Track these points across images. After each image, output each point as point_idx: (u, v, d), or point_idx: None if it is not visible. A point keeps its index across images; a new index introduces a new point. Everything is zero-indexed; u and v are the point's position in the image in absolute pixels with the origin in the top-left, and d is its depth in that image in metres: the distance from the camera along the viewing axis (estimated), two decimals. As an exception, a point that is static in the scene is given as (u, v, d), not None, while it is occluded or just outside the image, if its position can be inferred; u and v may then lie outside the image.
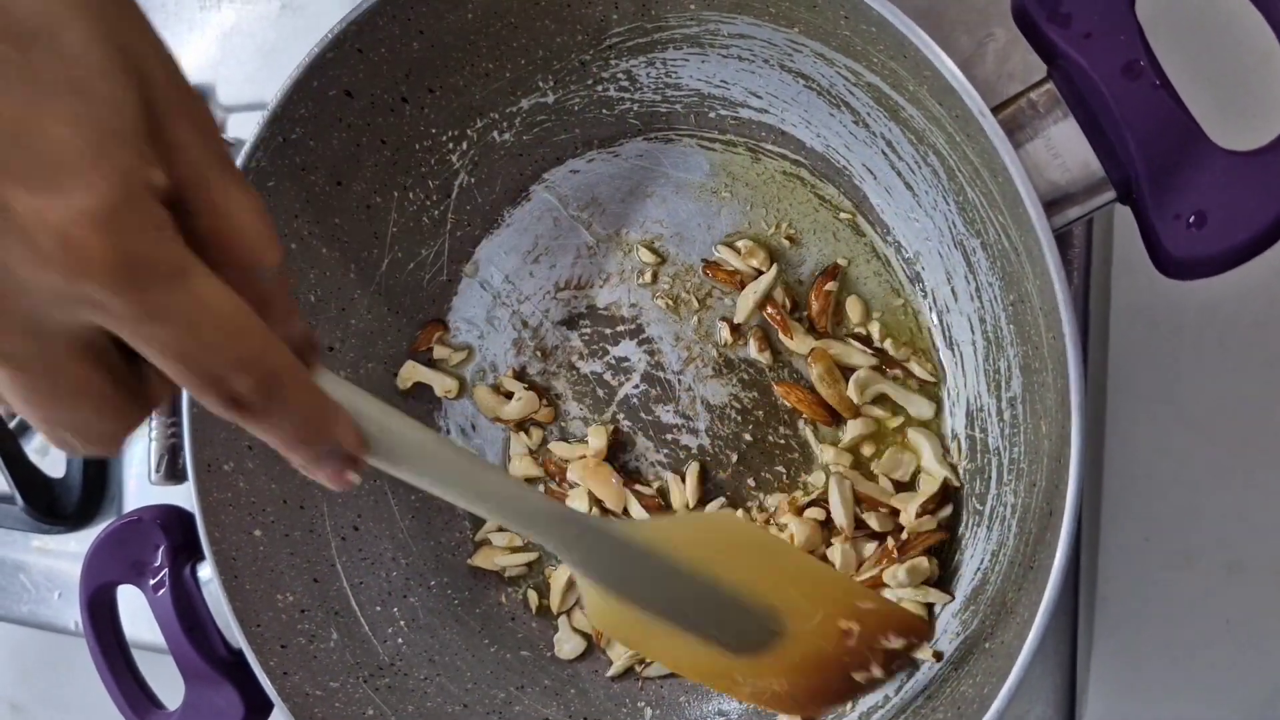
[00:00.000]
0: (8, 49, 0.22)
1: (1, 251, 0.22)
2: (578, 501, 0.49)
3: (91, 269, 0.22)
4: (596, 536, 0.35)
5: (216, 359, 0.25)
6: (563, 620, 0.51)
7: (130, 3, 0.25)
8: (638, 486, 0.49)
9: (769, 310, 0.46)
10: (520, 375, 0.52)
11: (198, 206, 0.25)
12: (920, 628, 0.41)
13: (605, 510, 0.49)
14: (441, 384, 0.52)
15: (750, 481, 0.48)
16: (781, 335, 0.46)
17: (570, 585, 0.50)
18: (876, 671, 0.40)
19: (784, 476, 0.48)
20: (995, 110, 0.35)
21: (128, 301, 0.23)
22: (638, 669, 0.50)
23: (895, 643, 0.40)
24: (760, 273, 0.47)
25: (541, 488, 0.51)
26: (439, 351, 0.52)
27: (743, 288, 0.47)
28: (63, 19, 0.23)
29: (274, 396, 0.26)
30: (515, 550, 0.52)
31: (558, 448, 0.50)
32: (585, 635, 0.50)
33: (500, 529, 0.52)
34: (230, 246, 0.26)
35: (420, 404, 0.53)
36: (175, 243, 0.24)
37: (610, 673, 0.50)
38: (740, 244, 0.47)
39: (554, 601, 0.51)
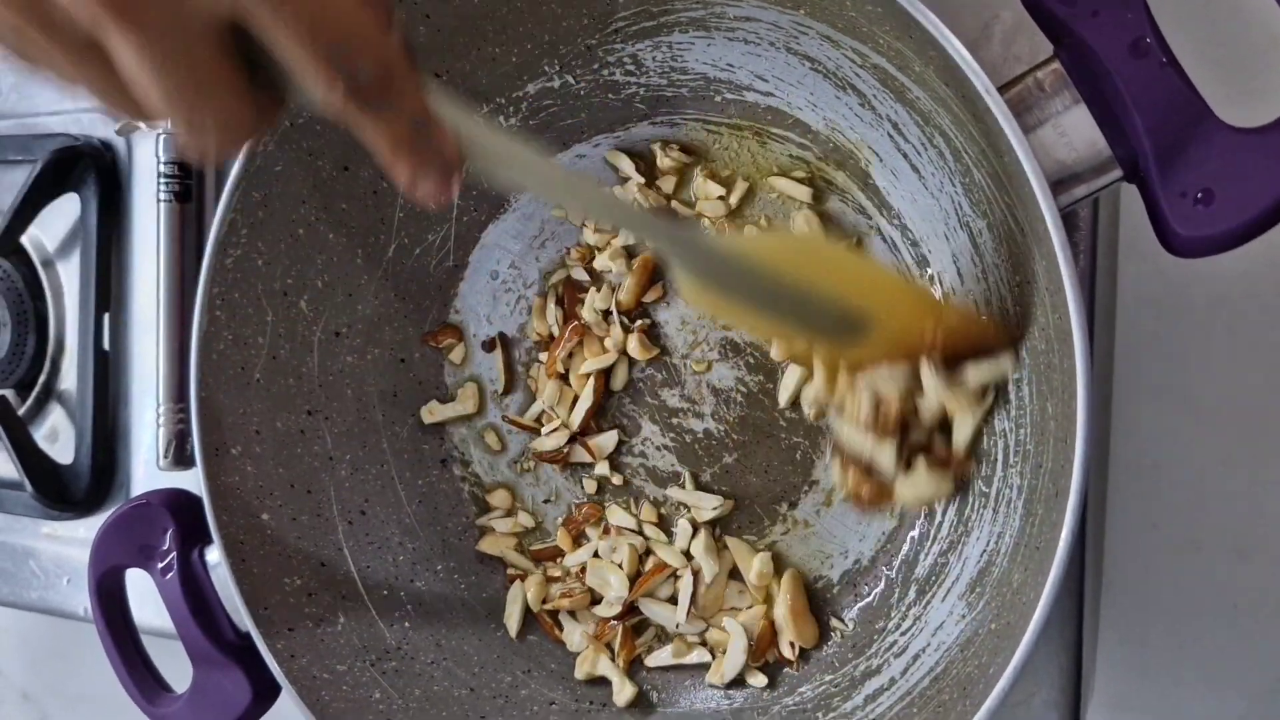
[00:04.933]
0: None
1: None
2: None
3: None
4: (692, 247, 0.38)
5: (340, 37, 0.27)
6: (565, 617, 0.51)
7: None
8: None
9: None
10: (526, 365, 0.52)
11: None
12: (997, 339, 0.42)
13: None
14: (461, 410, 0.53)
15: (756, 465, 0.48)
16: None
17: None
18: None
19: (790, 460, 0.48)
20: (1001, 90, 0.35)
21: None
22: (645, 658, 0.50)
23: (972, 356, 0.42)
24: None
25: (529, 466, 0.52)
26: (451, 352, 0.53)
27: None
28: None
29: (390, 87, 0.28)
30: (520, 536, 0.52)
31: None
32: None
33: (503, 516, 0.52)
34: None
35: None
36: None
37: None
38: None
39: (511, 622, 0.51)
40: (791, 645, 0.46)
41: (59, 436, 0.65)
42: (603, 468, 0.50)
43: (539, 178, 0.35)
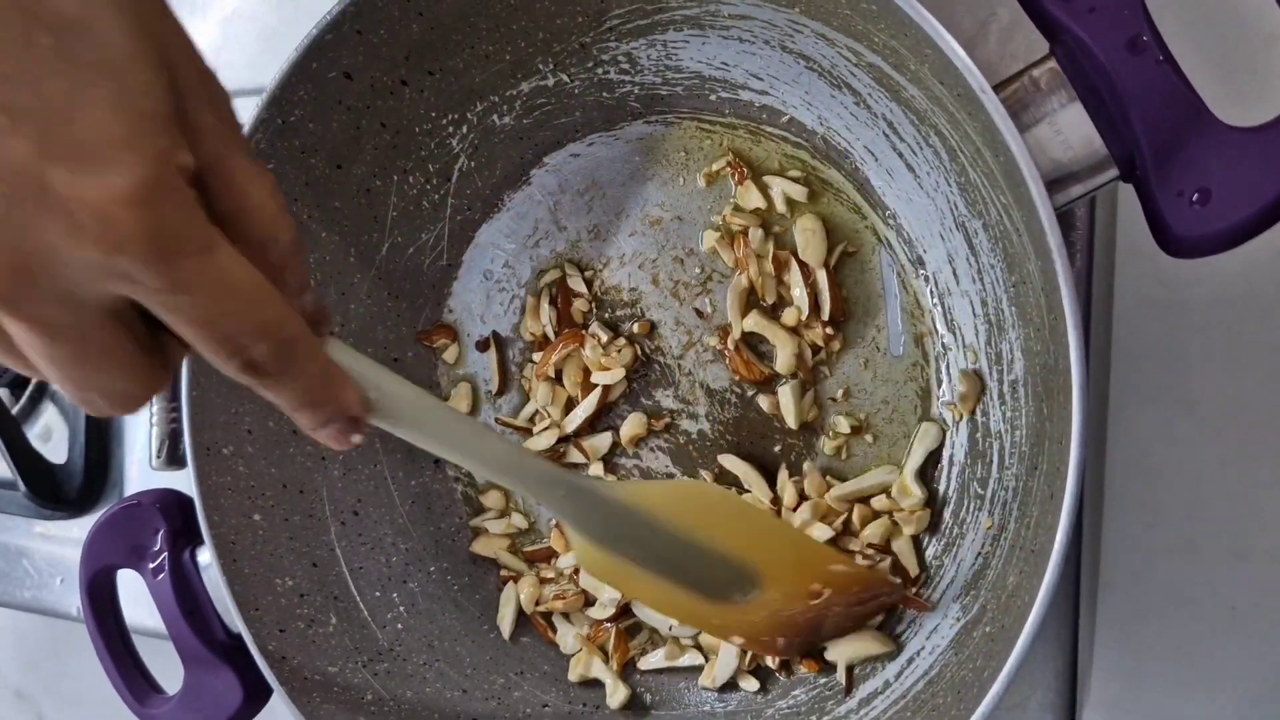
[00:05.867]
0: (50, 38, 0.23)
1: (43, 228, 0.24)
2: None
3: (127, 245, 0.24)
4: (583, 495, 0.38)
5: (237, 326, 0.27)
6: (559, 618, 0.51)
7: None
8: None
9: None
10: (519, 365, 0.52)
11: (218, 186, 0.27)
12: (889, 587, 0.43)
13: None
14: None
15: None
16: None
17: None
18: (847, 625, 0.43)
19: (784, 461, 0.47)
20: (997, 88, 0.34)
21: (158, 274, 0.25)
22: (638, 660, 0.49)
23: (867, 603, 0.43)
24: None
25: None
26: (445, 352, 0.52)
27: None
28: (99, 10, 0.24)
29: (288, 362, 0.28)
30: (513, 537, 0.52)
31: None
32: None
33: (497, 517, 0.52)
34: (248, 223, 0.28)
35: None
36: (201, 219, 0.26)
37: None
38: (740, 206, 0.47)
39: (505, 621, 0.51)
40: None
41: (52, 435, 0.65)
42: (596, 468, 0.50)
43: (442, 433, 0.34)
